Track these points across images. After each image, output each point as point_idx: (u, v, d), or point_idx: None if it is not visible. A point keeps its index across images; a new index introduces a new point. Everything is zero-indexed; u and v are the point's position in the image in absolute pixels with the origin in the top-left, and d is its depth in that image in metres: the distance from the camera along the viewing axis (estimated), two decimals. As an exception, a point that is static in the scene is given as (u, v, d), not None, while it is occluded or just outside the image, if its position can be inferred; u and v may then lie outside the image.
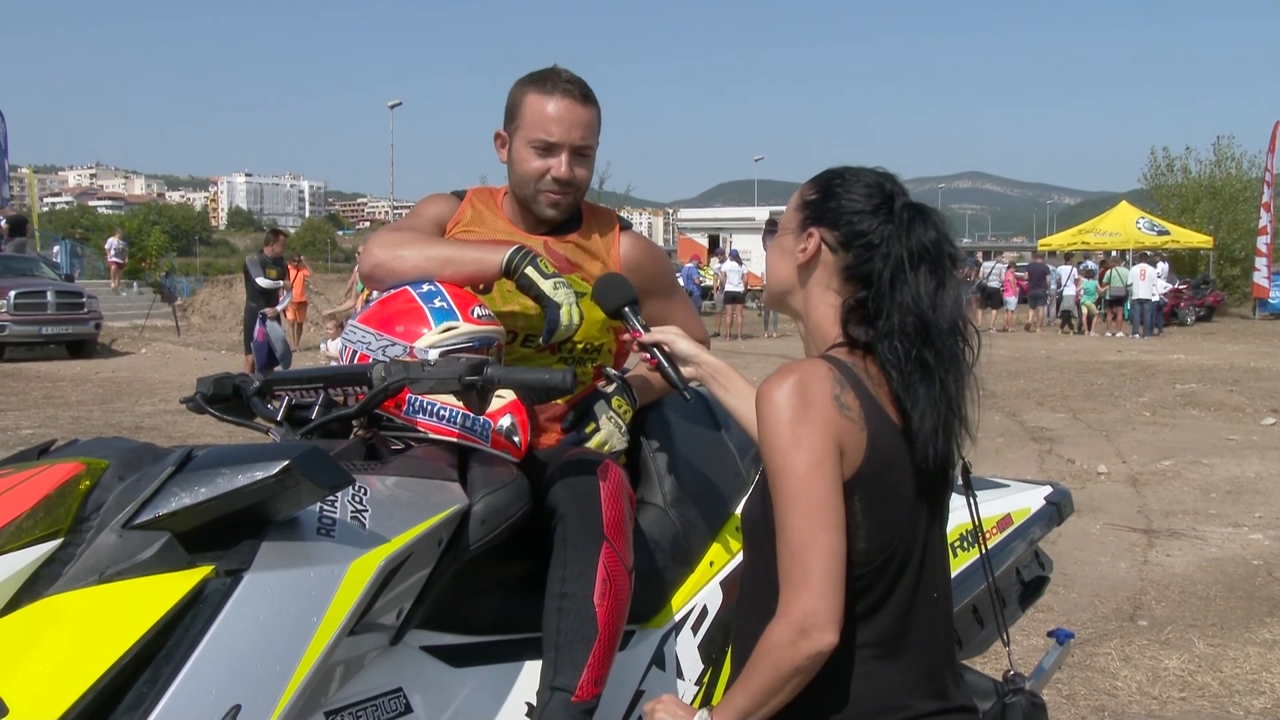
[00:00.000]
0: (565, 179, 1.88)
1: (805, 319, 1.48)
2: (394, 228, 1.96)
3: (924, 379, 1.33)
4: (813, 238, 1.42)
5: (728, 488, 2.05)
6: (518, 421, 1.68)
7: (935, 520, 1.41)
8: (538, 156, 1.88)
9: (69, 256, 24.62)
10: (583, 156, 1.91)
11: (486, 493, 1.52)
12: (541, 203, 1.92)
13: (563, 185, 1.89)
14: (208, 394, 1.68)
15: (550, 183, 1.89)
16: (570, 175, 1.89)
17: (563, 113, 1.86)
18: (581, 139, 1.89)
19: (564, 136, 1.87)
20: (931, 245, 1.36)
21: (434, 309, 1.69)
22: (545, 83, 1.89)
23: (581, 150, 1.90)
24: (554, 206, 1.92)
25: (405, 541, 1.33)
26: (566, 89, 1.87)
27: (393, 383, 1.48)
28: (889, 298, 1.35)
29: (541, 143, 1.87)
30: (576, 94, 1.88)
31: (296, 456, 1.14)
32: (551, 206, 1.92)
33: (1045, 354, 15.35)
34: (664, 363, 1.76)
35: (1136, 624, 4.11)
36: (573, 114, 1.87)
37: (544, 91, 1.88)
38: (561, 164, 1.88)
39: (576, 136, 1.88)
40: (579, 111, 1.88)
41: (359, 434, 1.68)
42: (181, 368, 12.97)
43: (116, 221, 37.81)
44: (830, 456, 1.28)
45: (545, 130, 1.87)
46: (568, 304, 1.72)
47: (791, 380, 1.31)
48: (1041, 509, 2.31)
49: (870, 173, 1.44)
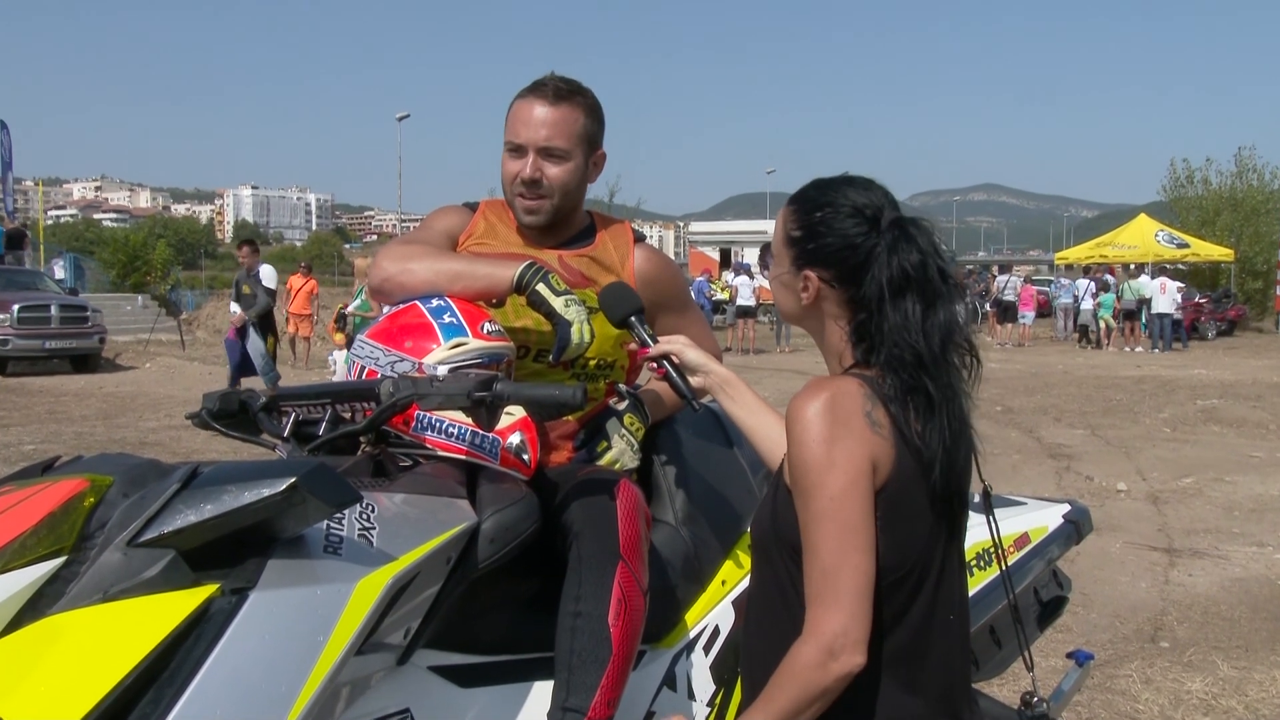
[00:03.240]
0: (528, 178, 1.87)
1: (820, 341, 1.49)
2: (404, 241, 1.97)
3: (926, 408, 1.33)
4: (809, 279, 1.42)
5: (740, 505, 2.04)
6: (527, 439, 1.68)
7: (953, 539, 1.40)
8: (511, 159, 1.90)
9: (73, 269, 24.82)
10: (554, 157, 1.89)
11: (495, 510, 1.52)
12: (518, 208, 1.92)
13: (530, 186, 1.88)
14: (213, 409, 1.68)
15: (519, 185, 1.89)
16: (535, 175, 1.87)
17: (530, 114, 1.87)
18: (546, 139, 1.87)
19: (529, 137, 1.87)
20: (915, 268, 1.35)
21: (443, 324, 1.70)
22: (531, 88, 1.90)
23: (550, 150, 1.88)
24: (530, 212, 1.91)
25: (413, 560, 1.32)
26: (540, 90, 1.88)
27: (401, 399, 1.49)
28: (878, 330, 1.35)
29: (510, 144, 1.89)
30: (549, 94, 1.87)
31: (303, 473, 1.14)
32: (527, 212, 1.91)
33: (1063, 369, 15.29)
34: (672, 373, 1.76)
35: (1158, 645, 4.07)
36: (539, 114, 1.87)
37: (524, 95, 1.90)
38: (525, 165, 1.87)
39: (541, 136, 1.86)
40: (546, 111, 1.87)
41: (366, 450, 1.69)
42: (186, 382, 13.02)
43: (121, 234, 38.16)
44: (865, 476, 1.28)
45: (513, 132, 1.88)
46: (579, 322, 1.73)
47: (824, 397, 1.31)
48: (1060, 527, 2.30)
49: (853, 193, 1.41)
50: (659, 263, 2.05)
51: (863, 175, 1.46)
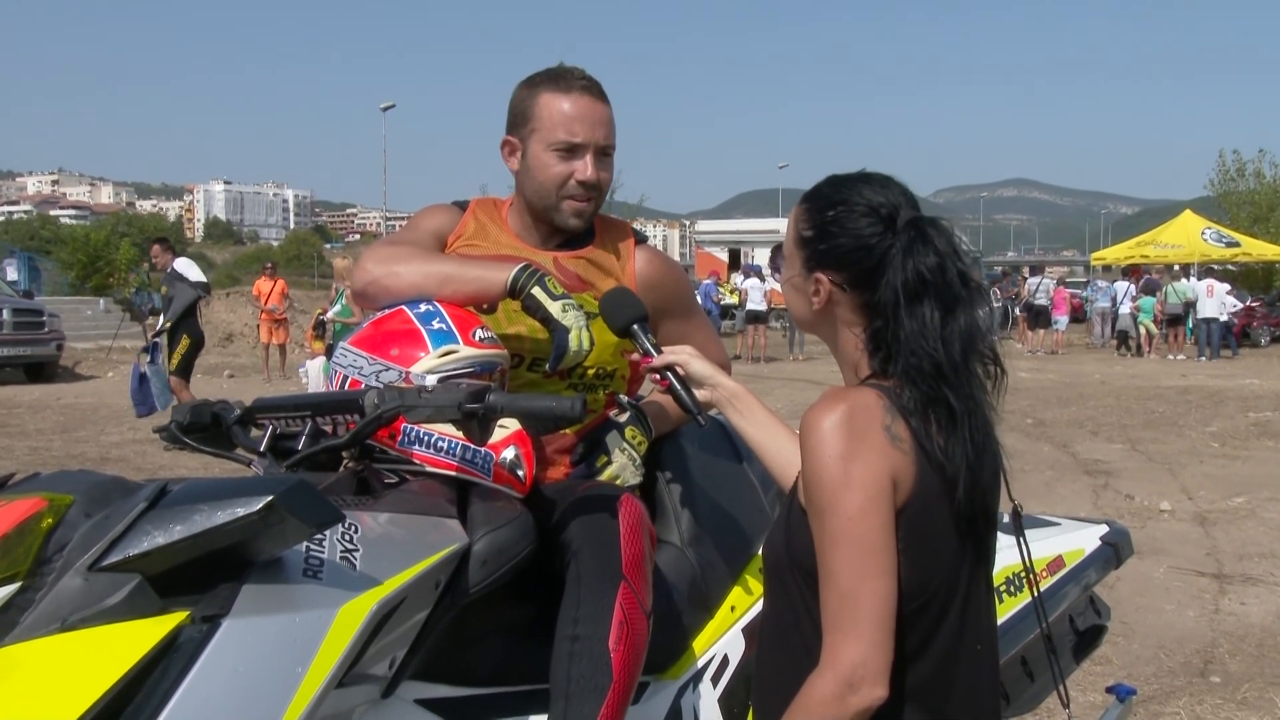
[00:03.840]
0: (592, 181, 1.91)
1: (834, 350, 1.50)
2: (389, 241, 1.98)
3: (948, 421, 1.34)
4: (821, 283, 1.43)
5: (750, 525, 2.05)
6: (522, 454, 1.69)
7: (979, 562, 1.41)
8: (560, 160, 1.91)
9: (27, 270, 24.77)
10: (605, 157, 1.95)
11: (488, 530, 1.52)
12: (565, 211, 1.94)
13: (588, 189, 1.92)
14: (184, 422, 1.69)
15: (575, 187, 1.92)
16: (596, 177, 1.92)
17: (584, 110, 1.90)
18: (605, 138, 1.93)
19: (588, 136, 1.90)
20: (932, 270, 1.35)
21: (432, 331, 1.71)
22: (560, 81, 1.92)
23: (605, 150, 1.94)
24: (578, 215, 1.95)
25: (399, 584, 1.33)
26: (584, 86, 1.91)
27: (386, 411, 1.49)
28: (894, 338, 1.36)
29: (564, 144, 1.90)
30: (595, 91, 1.92)
31: (281, 491, 1.15)
32: (575, 215, 1.95)
33: (1100, 378, 15.28)
34: (677, 385, 1.77)
35: (1208, 680, 4.06)
36: (595, 111, 1.91)
37: (561, 90, 1.91)
38: (587, 166, 1.91)
39: (601, 135, 1.91)
40: (600, 109, 1.92)
41: (349, 466, 1.70)
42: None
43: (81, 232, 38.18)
44: (884, 494, 1.29)
45: (569, 130, 1.90)
46: (577, 328, 1.74)
47: (841, 409, 1.31)
48: (1097, 550, 2.30)
49: (869, 190, 1.43)
50: (661, 265, 2.06)
51: (881, 172, 1.47)
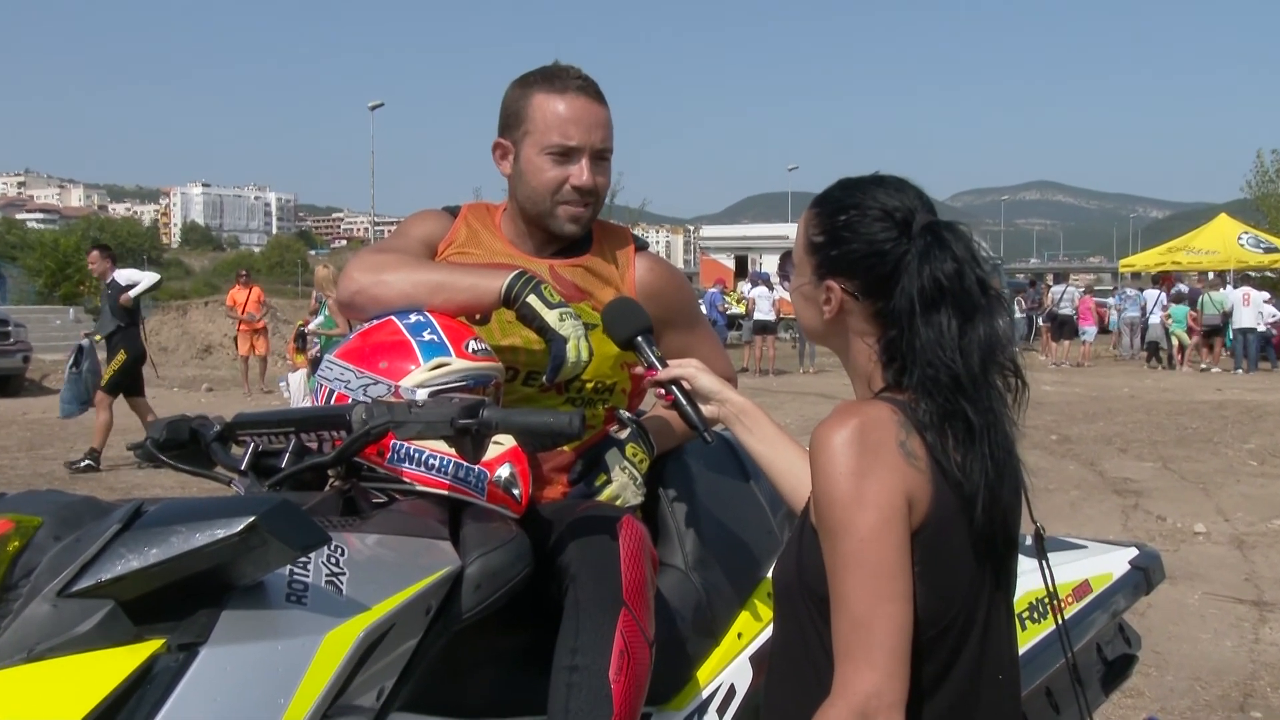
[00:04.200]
0: (588, 187, 1.93)
1: (846, 361, 1.50)
2: (377, 249, 2.00)
3: (966, 436, 1.34)
4: (832, 291, 1.44)
5: (758, 548, 2.05)
6: (518, 472, 1.70)
7: (1000, 587, 1.41)
8: (554, 164, 1.93)
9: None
10: (602, 161, 1.96)
11: (482, 553, 1.53)
12: (560, 217, 1.96)
13: (584, 194, 1.94)
14: (160, 439, 1.70)
15: (570, 192, 1.94)
16: (592, 182, 1.93)
17: (580, 112, 1.91)
18: (602, 141, 1.94)
19: (584, 139, 1.91)
20: (949, 277, 1.36)
21: (423, 342, 1.72)
22: (554, 80, 1.94)
23: (601, 154, 1.95)
24: (574, 220, 1.96)
25: (388, 609, 1.34)
26: (580, 86, 1.93)
27: (375, 427, 1.50)
28: (909, 348, 1.37)
29: (559, 148, 1.92)
30: (592, 91, 1.93)
31: (264, 511, 1.15)
32: (571, 221, 1.96)
33: (1129, 392, 15.27)
34: (682, 400, 1.78)
35: (1248, 715, 4.04)
36: (591, 113, 1.92)
37: (555, 90, 1.93)
38: (583, 170, 1.92)
39: (598, 138, 1.93)
40: (597, 110, 1.93)
41: (336, 485, 1.70)
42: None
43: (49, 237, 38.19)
44: (899, 514, 1.29)
45: (563, 133, 1.91)
46: (575, 338, 1.75)
47: (852, 424, 1.32)
48: (1126, 575, 2.30)
49: (882, 194, 1.44)
50: (663, 274, 2.07)
51: (895, 175, 1.48)
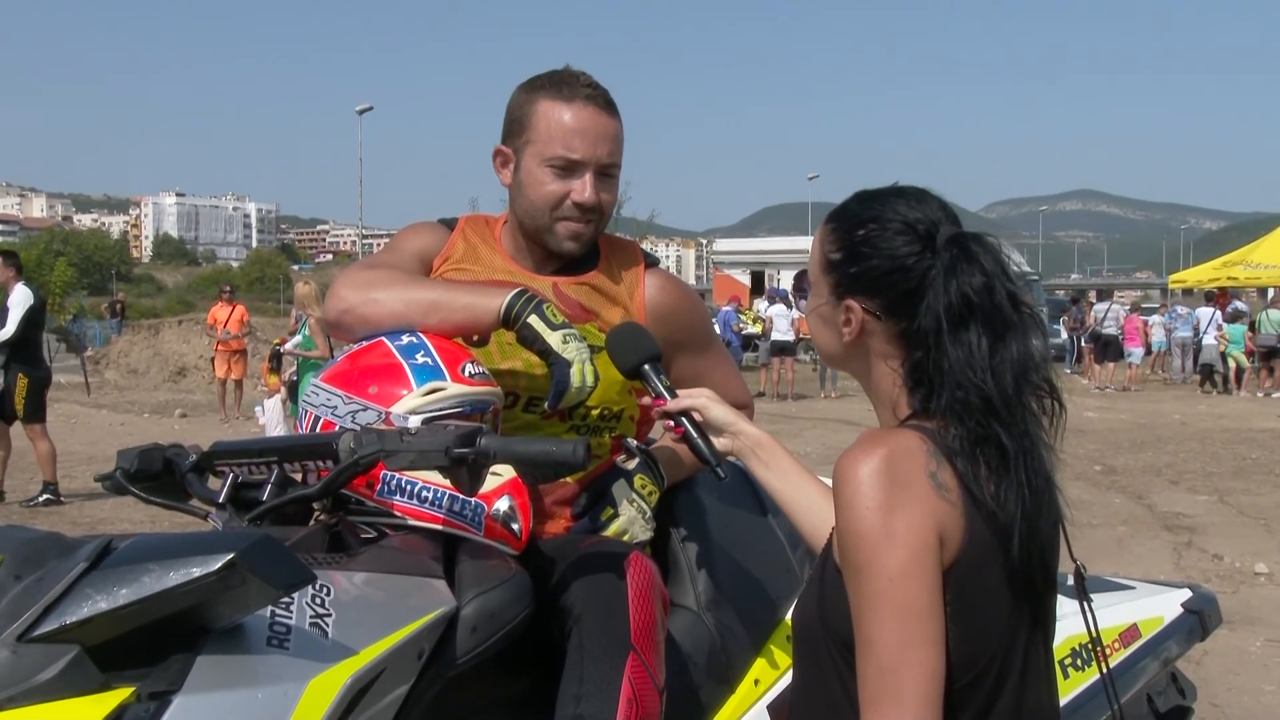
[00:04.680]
0: (590, 204, 1.94)
1: (868, 386, 1.51)
2: (367, 264, 2.01)
3: (1000, 462, 1.35)
4: (853, 311, 1.45)
5: (776, 588, 2.05)
6: (517, 505, 1.70)
7: (1038, 630, 1.41)
8: (556, 177, 1.94)
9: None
10: (608, 178, 1.97)
11: (478, 593, 1.53)
12: (559, 234, 1.97)
13: (586, 211, 1.95)
14: (131, 470, 1.70)
15: (571, 209, 1.95)
16: (595, 199, 1.94)
17: (587, 123, 1.92)
18: (609, 155, 1.95)
19: (588, 153, 1.92)
20: (978, 292, 1.37)
21: (416, 366, 1.72)
22: (562, 87, 1.95)
23: (608, 169, 1.96)
24: (574, 238, 1.97)
25: (377, 654, 1.34)
26: (589, 95, 1.94)
27: (364, 456, 1.51)
28: (937, 370, 1.38)
29: (561, 160, 1.93)
30: (601, 101, 1.94)
31: (243, 548, 1.15)
32: (571, 238, 1.97)
33: (1180, 419, 15.21)
34: (693, 433, 1.79)
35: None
36: (598, 125, 1.93)
37: (562, 98, 1.94)
38: (585, 186, 1.93)
39: (604, 152, 1.94)
40: (605, 123, 1.94)
41: (321, 520, 1.71)
42: (92, 435, 13.06)
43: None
44: (930, 551, 1.29)
45: (566, 145, 1.92)
46: (580, 361, 1.76)
47: (879, 454, 1.32)
48: (1179, 619, 2.30)
49: (903, 206, 1.45)
50: (675, 293, 2.09)
51: (916, 185, 1.50)
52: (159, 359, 22.21)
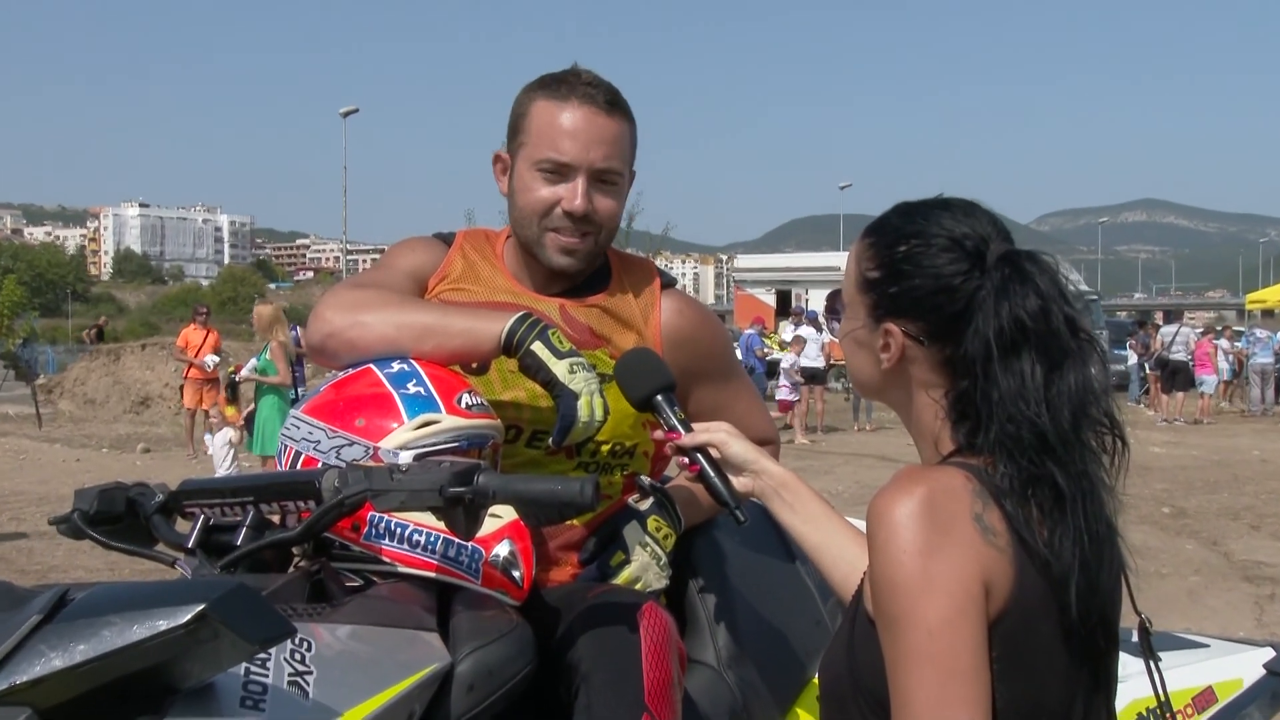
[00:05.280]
0: (580, 212, 1.94)
1: (907, 419, 1.52)
2: (354, 284, 2.03)
3: (1054, 505, 1.35)
4: (892, 335, 1.46)
5: (804, 642, 2.06)
6: (519, 550, 1.71)
7: (1098, 693, 1.41)
8: (545, 183, 1.96)
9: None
10: (607, 184, 1.98)
11: (475, 647, 1.54)
12: (548, 246, 1.98)
13: (578, 222, 1.95)
14: (90, 511, 1.71)
15: (560, 218, 1.96)
16: (587, 207, 1.94)
17: (580, 124, 1.94)
18: (604, 159, 1.95)
19: (579, 155, 1.93)
20: (1033, 316, 1.37)
21: (407, 396, 1.73)
22: (559, 86, 1.97)
23: (604, 175, 1.97)
24: (567, 253, 1.98)
25: (364, 716, 1.34)
26: (586, 94, 1.95)
27: (350, 496, 1.51)
28: (985, 401, 1.38)
29: (550, 163, 1.94)
30: (599, 100, 1.95)
31: (215, 598, 1.15)
32: (564, 253, 1.98)
33: (1260, 455, 15.11)
34: (709, 472, 1.79)
35: None
36: (594, 126, 1.94)
37: (556, 97, 1.96)
38: (575, 192, 1.94)
39: (597, 156, 1.94)
40: (603, 123, 1.95)
41: (302, 566, 1.72)
42: (44, 473, 13.08)
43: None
44: (975, 602, 1.29)
45: (554, 147, 1.94)
46: (588, 392, 1.76)
47: (918, 494, 1.32)
48: (1260, 681, 2.28)
49: (949, 219, 1.46)
50: (694, 316, 2.10)
51: (962, 197, 1.51)
52: (119, 387, 22.24)
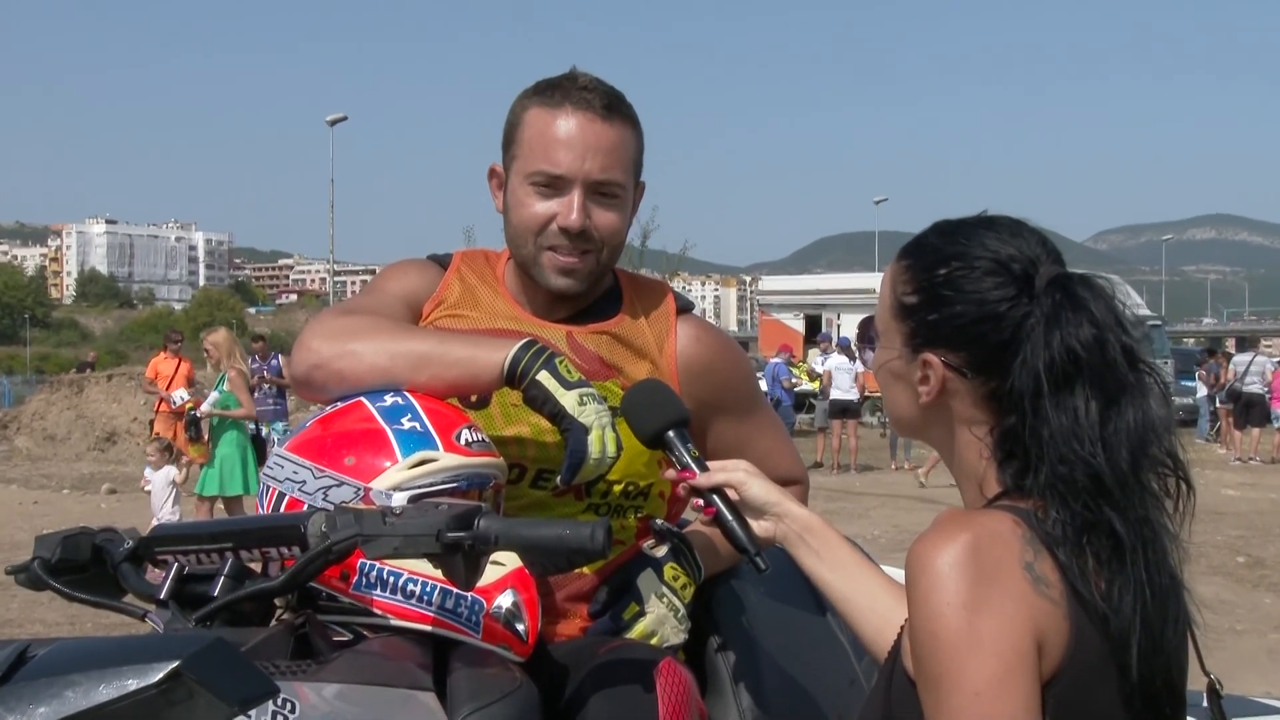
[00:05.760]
0: (576, 228, 1.95)
1: (948, 457, 1.52)
2: (343, 309, 2.04)
3: (1113, 555, 1.35)
4: (932, 366, 1.47)
5: (835, 702, 2.05)
6: (523, 601, 1.71)
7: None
8: (539, 197, 1.97)
9: None
10: (607, 197, 1.98)
11: (475, 708, 1.54)
12: (545, 266, 1.99)
13: (575, 239, 1.96)
14: (52, 560, 1.71)
15: (556, 235, 1.97)
16: (583, 223, 1.95)
17: (575, 131, 1.95)
18: (602, 170, 1.96)
19: (573, 166, 1.94)
20: (1087, 346, 1.38)
21: (402, 432, 1.74)
22: (553, 92, 1.98)
23: (603, 187, 1.97)
24: (565, 273, 1.99)
25: (353, 784, 1.35)
26: (581, 99, 1.96)
27: (338, 542, 1.51)
28: (1035, 440, 1.38)
29: (543, 176, 1.96)
30: (595, 105, 1.96)
31: (190, 654, 1.15)
32: (561, 273, 1.99)
33: (1343, 499, 15.05)
34: (727, 515, 1.78)
35: None
36: (590, 134, 1.95)
37: (550, 104, 1.97)
38: (570, 207, 1.95)
39: (595, 166, 1.95)
40: (600, 131, 1.96)
41: (285, 619, 1.72)
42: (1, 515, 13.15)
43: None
44: (1026, 660, 1.29)
45: (548, 158, 1.95)
46: (599, 427, 1.76)
47: (963, 540, 1.32)
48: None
49: (994, 240, 1.46)
50: (713, 344, 2.11)
51: (1009, 214, 1.52)
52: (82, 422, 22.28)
